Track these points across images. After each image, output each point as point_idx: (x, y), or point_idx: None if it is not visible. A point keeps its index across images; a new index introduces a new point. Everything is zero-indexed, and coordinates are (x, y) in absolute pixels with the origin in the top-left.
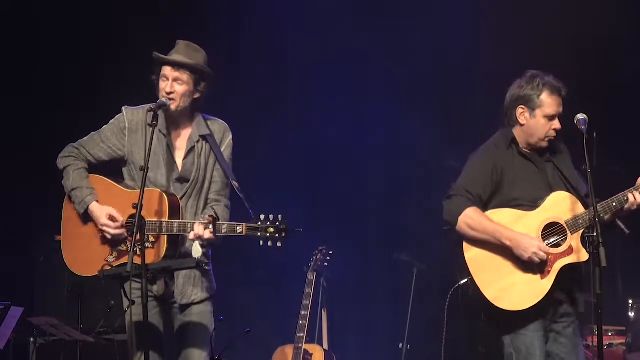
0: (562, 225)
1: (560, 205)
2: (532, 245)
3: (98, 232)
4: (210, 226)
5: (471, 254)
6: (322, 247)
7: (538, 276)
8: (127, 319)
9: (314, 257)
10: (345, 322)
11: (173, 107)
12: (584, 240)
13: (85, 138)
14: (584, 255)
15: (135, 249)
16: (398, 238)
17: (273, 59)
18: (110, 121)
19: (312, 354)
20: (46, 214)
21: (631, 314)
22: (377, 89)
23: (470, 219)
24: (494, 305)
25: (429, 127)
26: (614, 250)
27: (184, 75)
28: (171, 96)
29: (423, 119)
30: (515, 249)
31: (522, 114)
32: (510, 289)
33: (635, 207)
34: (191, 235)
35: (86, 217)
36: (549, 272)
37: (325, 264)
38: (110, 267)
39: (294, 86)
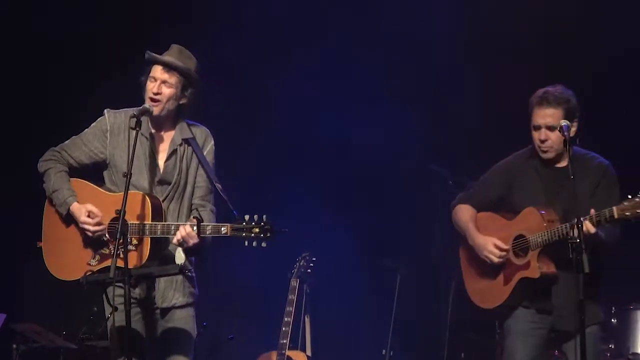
0: (527, 239)
1: (528, 220)
2: (484, 248)
3: (79, 236)
4: (195, 228)
5: (463, 247)
6: (305, 253)
7: (502, 282)
8: (109, 325)
9: (297, 264)
10: (328, 329)
11: (157, 110)
12: (570, 247)
13: (66, 142)
14: (534, 272)
15: (117, 253)
16: (382, 244)
17: (262, 60)
18: (92, 124)
19: None
20: (29, 219)
21: (614, 321)
22: (364, 93)
23: (456, 214)
24: (471, 299)
25: (415, 131)
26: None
27: (173, 78)
28: (157, 97)
29: (409, 122)
30: (475, 248)
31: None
32: (482, 288)
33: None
34: (175, 240)
35: (68, 220)
36: (510, 280)
37: (309, 270)
38: (92, 272)
39: (276, 88)
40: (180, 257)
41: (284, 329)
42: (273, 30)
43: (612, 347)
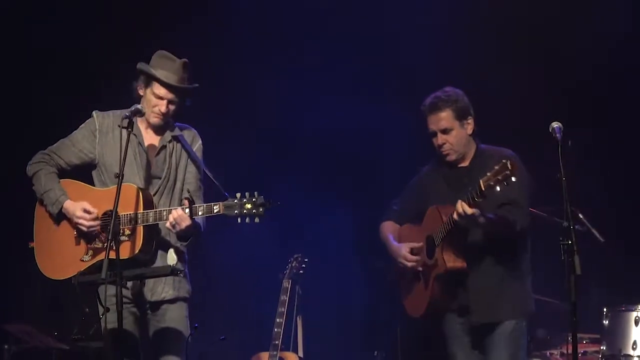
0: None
1: (431, 219)
2: (398, 255)
3: (71, 233)
4: (187, 210)
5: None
6: (297, 254)
7: (423, 287)
8: (102, 326)
9: (290, 265)
10: (320, 330)
11: (160, 123)
12: (561, 248)
13: (55, 144)
14: (442, 267)
15: (109, 247)
16: (373, 244)
17: (255, 55)
18: (81, 125)
19: None
20: (20, 219)
21: (605, 322)
22: (354, 90)
23: (381, 231)
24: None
25: (414, 130)
26: (588, 258)
27: (177, 96)
28: (164, 116)
29: (407, 122)
30: (394, 260)
31: None
32: (411, 297)
33: (460, 218)
34: (167, 223)
35: (59, 220)
36: (428, 282)
37: (301, 271)
38: (84, 271)
39: (262, 85)
40: (172, 258)
41: (275, 329)
42: (268, 24)
43: (604, 348)
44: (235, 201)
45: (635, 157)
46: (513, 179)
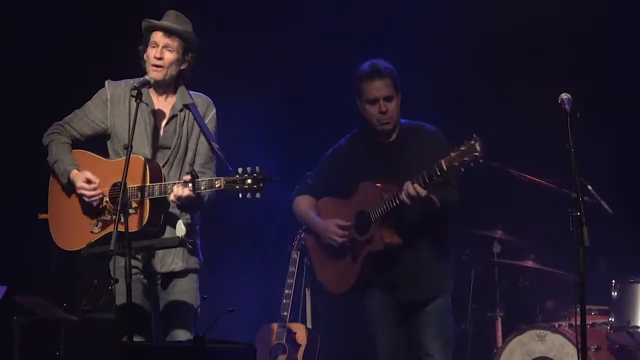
0: (368, 212)
1: (366, 194)
2: (326, 231)
3: (80, 205)
4: (190, 184)
5: (309, 237)
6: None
7: (351, 262)
8: (113, 297)
9: (298, 236)
10: (328, 301)
11: (160, 75)
12: (570, 220)
13: (69, 115)
14: (379, 245)
15: (118, 219)
16: None
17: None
18: (93, 96)
19: (295, 333)
20: (30, 191)
21: (614, 294)
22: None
23: (296, 206)
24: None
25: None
26: (597, 230)
27: (174, 42)
28: (159, 62)
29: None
30: (321, 236)
31: (360, 106)
32: (334, 273)
33: (410, 199)
34: (171, 197)
35: (69, 191)
36: (357, 258)
37: None
38: (94, 242)
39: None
40: (180, 229)
41: (284, 301)
42: None
43: (612, 320)
44: (237, 176)
45: None
46: (481, 160)
